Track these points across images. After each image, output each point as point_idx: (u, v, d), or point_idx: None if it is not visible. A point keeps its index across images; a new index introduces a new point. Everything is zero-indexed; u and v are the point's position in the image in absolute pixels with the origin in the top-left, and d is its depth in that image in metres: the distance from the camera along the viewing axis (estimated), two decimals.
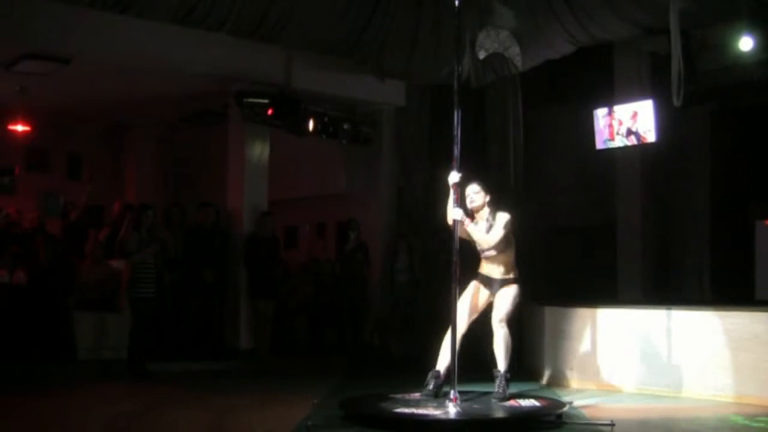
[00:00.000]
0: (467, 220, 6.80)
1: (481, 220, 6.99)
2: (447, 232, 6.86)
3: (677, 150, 11.12)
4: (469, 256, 7.10)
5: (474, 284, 7.10)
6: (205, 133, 12.91)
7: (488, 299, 7.06)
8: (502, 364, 6.89)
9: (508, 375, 6.90)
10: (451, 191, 6.73)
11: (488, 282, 7.05)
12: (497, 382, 6.85)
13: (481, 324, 7.10)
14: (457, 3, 6.89)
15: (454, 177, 6.68)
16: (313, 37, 10.32)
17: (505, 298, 6.99)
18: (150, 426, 6.34)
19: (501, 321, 6.94)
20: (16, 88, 10.96)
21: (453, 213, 6.65)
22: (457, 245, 6.61)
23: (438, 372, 6.95)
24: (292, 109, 10.83)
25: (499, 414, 6.40)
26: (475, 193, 7.01)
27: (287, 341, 11.39)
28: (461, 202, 6.83)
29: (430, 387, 6.90)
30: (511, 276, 7.05)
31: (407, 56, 10.70)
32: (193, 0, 9.20)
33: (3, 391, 7.81)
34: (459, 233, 6.72)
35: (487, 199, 7.02)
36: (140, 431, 6.23)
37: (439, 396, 6.81)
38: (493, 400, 6.69)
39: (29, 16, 9.02)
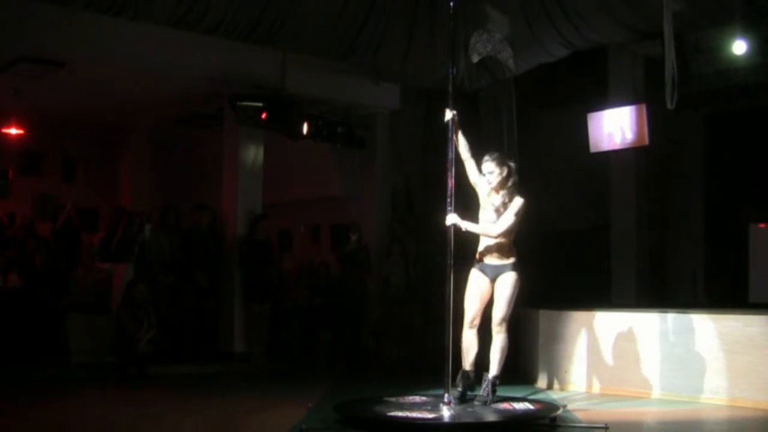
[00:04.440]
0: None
1: (489, 205, 6.70)
2: (442, 234, 6.78)
3: (671, 153, 11.15)
4: (464, 259, 7.05)
5: (475, 273, 6.85)
6: (200, 135, 12.90)
7: (489, 286, 6.79)
8: (494, 369, 6.79)
9: (498, 381, 6.79)
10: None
11: (485, 269, 6.80)
12: (484, 385, 6.76)
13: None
14: (451, 4, 6.89)
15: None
16: (309, 39, 10.32)
17: (503, 294, 6.74)
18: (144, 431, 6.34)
19: (500, 324, 6.78)
20: (10, 91, 10.95)
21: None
22: (451, 248, 6.60)
23: (467, 372, 6.84)
24: (286, 112, 10.84)
25: (493, 417, 6.38)
26: (489, 173, 6.70)
27: (282, 344, 11.38)
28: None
29: (459, 388, 6.75)
30: (509, 261, 6.77)
31: (402, 59, 10.72)
32: (189, 2, 9.20)
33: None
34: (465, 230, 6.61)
35: (505, 174, 6.68)
36: None
37: (465, 399, 6.72)
38: (476, 403, 6.66)
39: (24, 19, 9.01)
